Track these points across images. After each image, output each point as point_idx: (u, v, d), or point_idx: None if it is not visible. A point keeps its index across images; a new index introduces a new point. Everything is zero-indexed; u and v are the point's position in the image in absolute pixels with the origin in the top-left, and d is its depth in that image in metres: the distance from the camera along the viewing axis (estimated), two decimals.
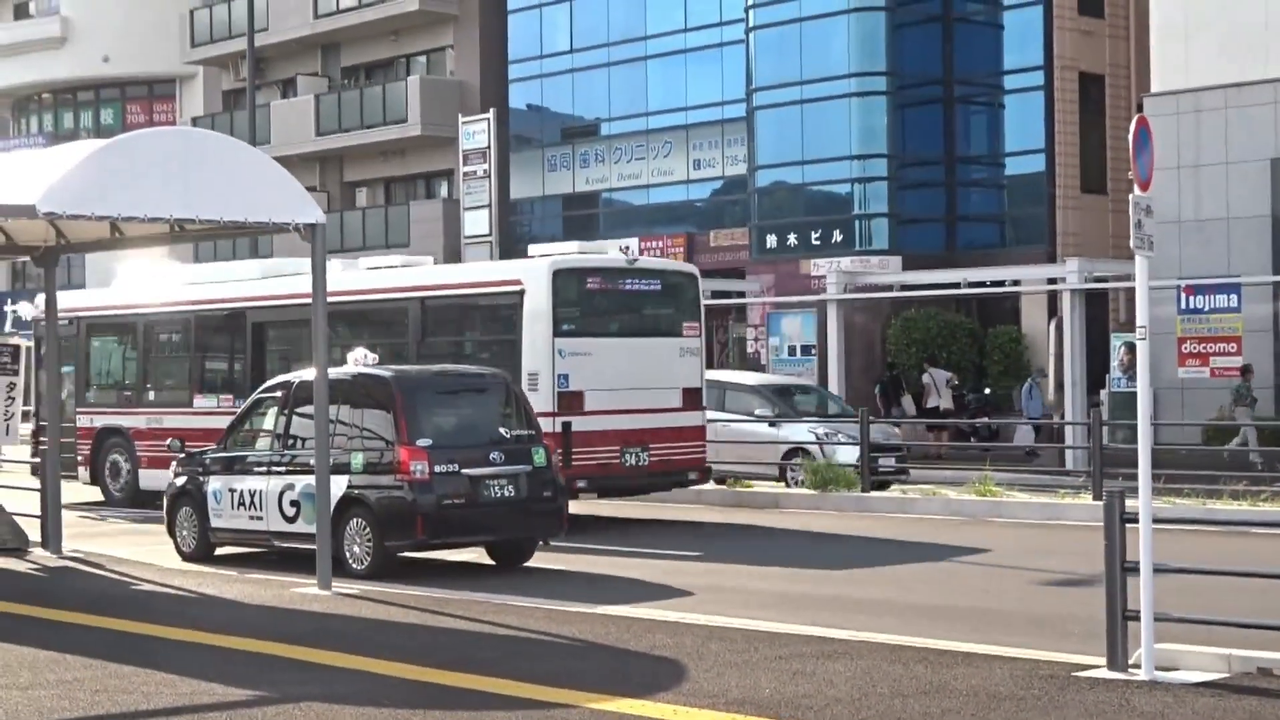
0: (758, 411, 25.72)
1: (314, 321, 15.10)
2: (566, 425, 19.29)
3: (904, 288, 33.17)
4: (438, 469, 15.80)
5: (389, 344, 20.77)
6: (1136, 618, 9.89)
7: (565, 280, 19.93)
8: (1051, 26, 35.43)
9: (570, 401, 19.56)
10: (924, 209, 37.41)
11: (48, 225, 16.65)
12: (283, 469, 16.82)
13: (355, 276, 22.33)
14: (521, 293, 19.82)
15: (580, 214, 44.22)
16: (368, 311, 22.26)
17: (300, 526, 16.31)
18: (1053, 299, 31.80)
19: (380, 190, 50.90)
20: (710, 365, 37.74)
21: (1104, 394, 28.02)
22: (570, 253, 21.42)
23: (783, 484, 24.78)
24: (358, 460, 16.09)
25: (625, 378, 20.30)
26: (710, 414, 22.24)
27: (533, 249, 21.83)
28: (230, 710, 9.35)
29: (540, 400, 18.89)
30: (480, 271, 24.30)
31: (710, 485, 24.91)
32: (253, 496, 17.02)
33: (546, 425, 17.84)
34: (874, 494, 23.13)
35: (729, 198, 40.50)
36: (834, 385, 31.23)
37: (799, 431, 25.20)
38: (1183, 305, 26.30)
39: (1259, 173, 28.43)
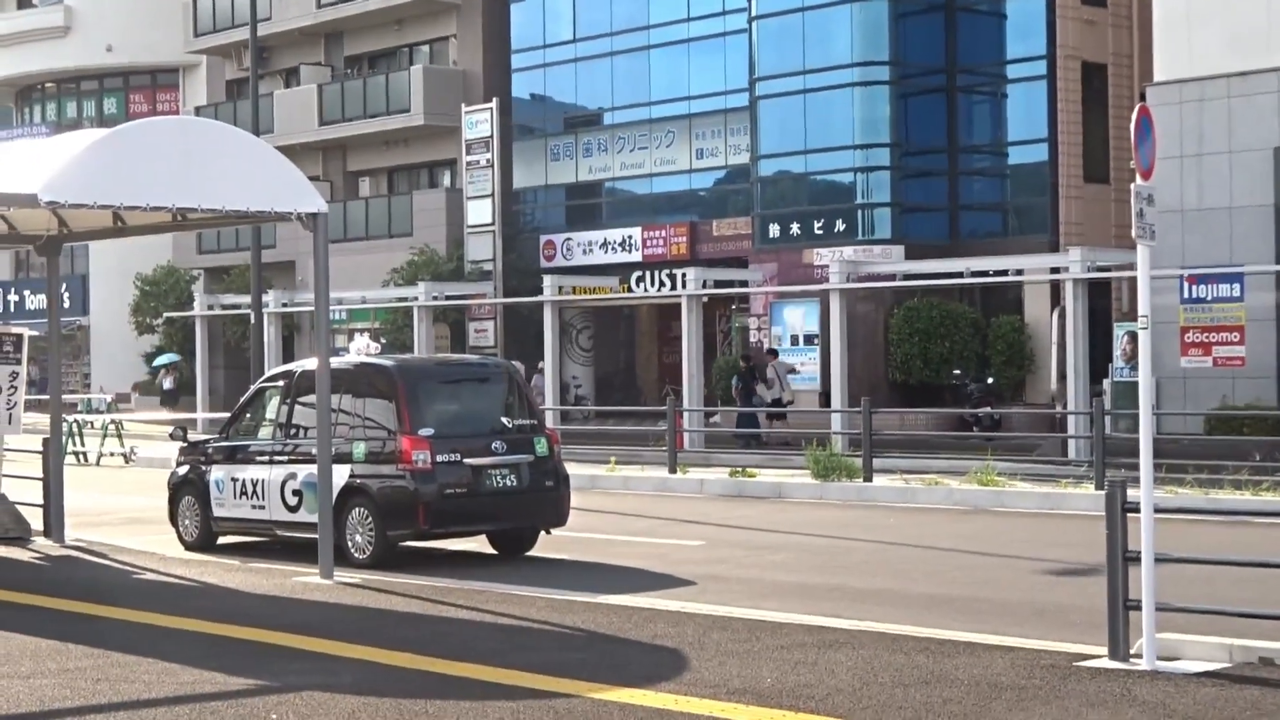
0: None
1: (317, 311, 15.12)
2: None
3: (906, 277, 33.14)
4: (440, 458, 15.82)
5: None
6: (1138, 607, 9.90)
7: None
8: (1054, 16, 35.37)
9: None
10: (927, 198, 37.37)
11: (50, 214, 16.63)
12: (285, 458, 16.84)
13: None
14: None
15: (583, 203, 44.20)
16: None
17: (302, 516, 16.34)
18: (1055, 288, 31.76)
19: (383, 180, 50.87)
20: (713, 355, 37.91)
21: (1106, 383, 28.00)
22: None
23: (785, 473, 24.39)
24: (360, 450, 16.10)
25: None
26: None
27: None
28: (232, 699, 9.36)
29: None
30: None
31: (713, 475, 24.97)
32: (255, 486, 17.04)
33: None
34: (876, 484, 23.12)
35: (732, 187, 40.47)
36: (836, 376, 31.21)
37: None
38: (1185, 295, 26.28)
39: (1262, 162, 28.38)
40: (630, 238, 41.64)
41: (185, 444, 18.61)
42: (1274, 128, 28.26)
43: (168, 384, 50.56)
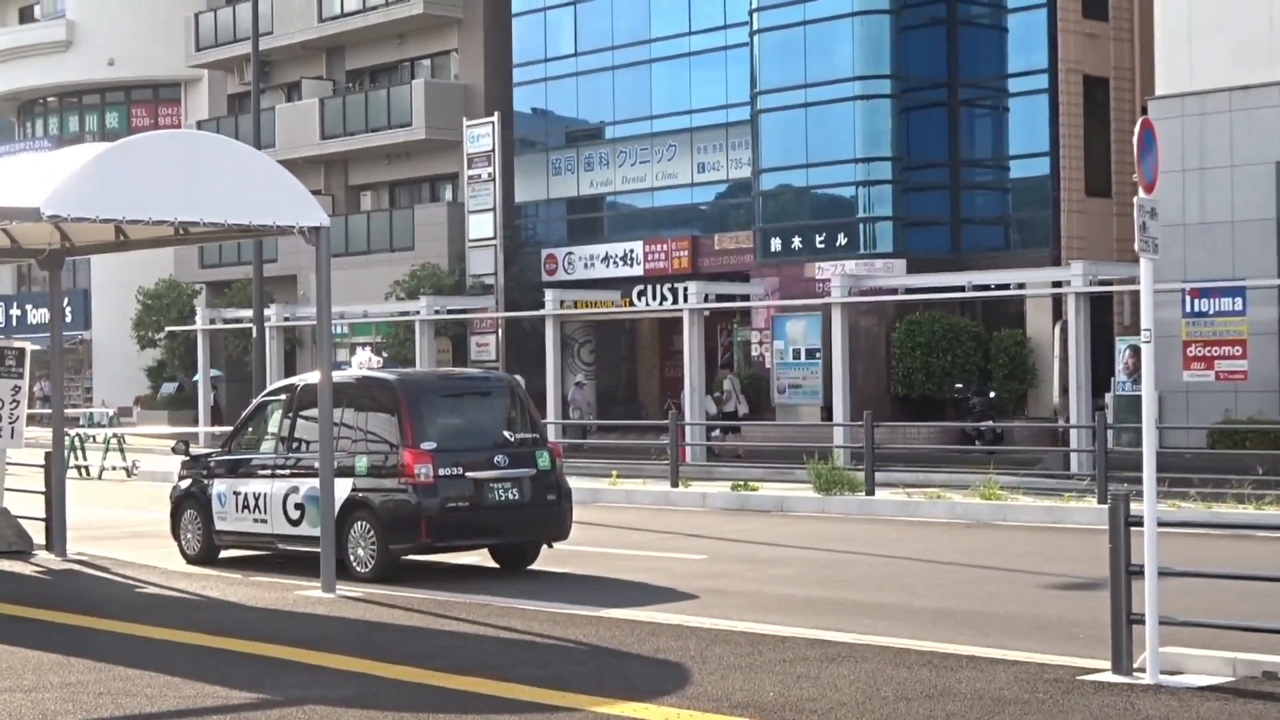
0: None
1: (319, 325, 15.12)
2: None
3: (908, 291, 33.15)
4: (442, 472, 15.81)
5: None
6: (1141, 621, 9.88)
7: None
8: (1056, 29, 35.40)
9: None
10: (929, 212, 37.38)
11: (52, 228, 16.65)
12: (287, 472, 16.83)
13: None
14: None
15: (585, 217, 44.21)
16: None
17: (305, 529, 16.33)
18: (1057, 302, 31.76)
19: (385, 194, 50.90)
20: (713, 369, 37.92)
21: (1108, 397, 28.00)
22: None
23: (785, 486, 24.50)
24: (362, 463, 16.10)
25: None
26: None
27: None
28: (234, 713, 9.36)
29: None
30: None
31: (714, 489, 24.94)
32: (257, 499, 17.04)
33: None
34: (878, 497, 23.10)
35: (733, 201, 40.48)
36: (838, 389, 31.22)
37: None
38: (1187, 308, 26.27)
39: (1264, 176, 28.39)
40: (632, 252, 41.65)
41: (187, 458, 18.61)
42: (1276, 141, 28.27)
43: None
